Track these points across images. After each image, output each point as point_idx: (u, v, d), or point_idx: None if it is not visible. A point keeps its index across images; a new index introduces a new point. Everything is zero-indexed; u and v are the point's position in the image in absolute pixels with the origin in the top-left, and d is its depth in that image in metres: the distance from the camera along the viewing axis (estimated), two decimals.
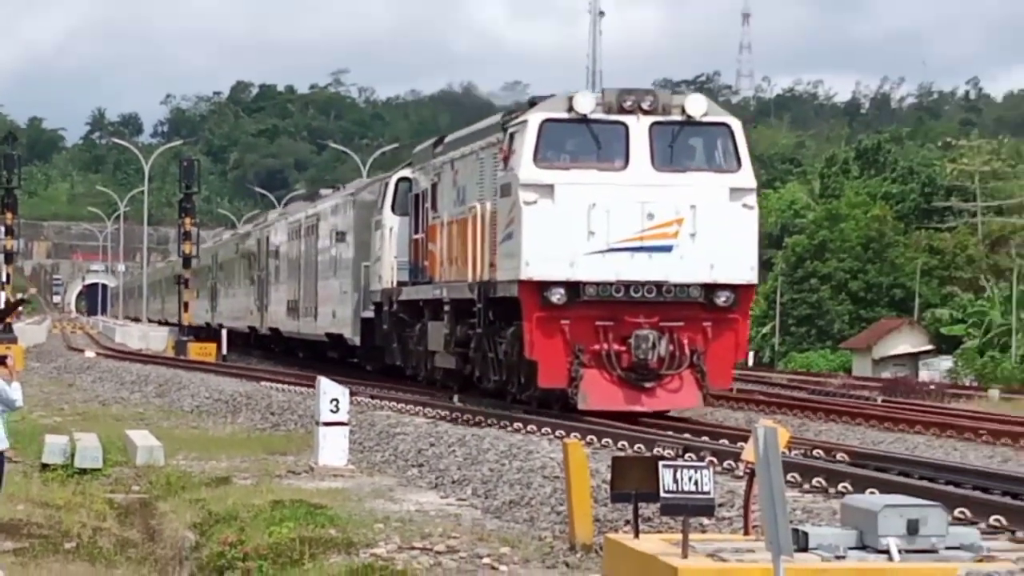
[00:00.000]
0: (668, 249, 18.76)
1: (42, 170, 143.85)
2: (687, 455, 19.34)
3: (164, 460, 26.07)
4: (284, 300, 53.41)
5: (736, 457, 16.87)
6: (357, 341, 38.08)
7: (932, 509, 13.31)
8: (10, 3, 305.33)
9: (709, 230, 19.09)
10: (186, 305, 71.18)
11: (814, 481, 18.20)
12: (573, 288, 18.82)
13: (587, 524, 16.18)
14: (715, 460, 18.46)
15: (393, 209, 33.08)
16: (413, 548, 16.38)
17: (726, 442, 21.04)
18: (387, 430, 28.23)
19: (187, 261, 71.08)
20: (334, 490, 21.73)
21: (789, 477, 15.11)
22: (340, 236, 41.44)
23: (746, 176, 20.12)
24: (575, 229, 18.93)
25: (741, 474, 14.95)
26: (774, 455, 10.96)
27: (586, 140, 19.88)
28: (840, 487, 17.47)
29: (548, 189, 18.87)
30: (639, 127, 19.41)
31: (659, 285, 18.77)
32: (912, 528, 12.89)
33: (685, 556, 12.38)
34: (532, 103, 21.56)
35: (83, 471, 25.61)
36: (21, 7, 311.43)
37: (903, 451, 23.30)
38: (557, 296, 18.91)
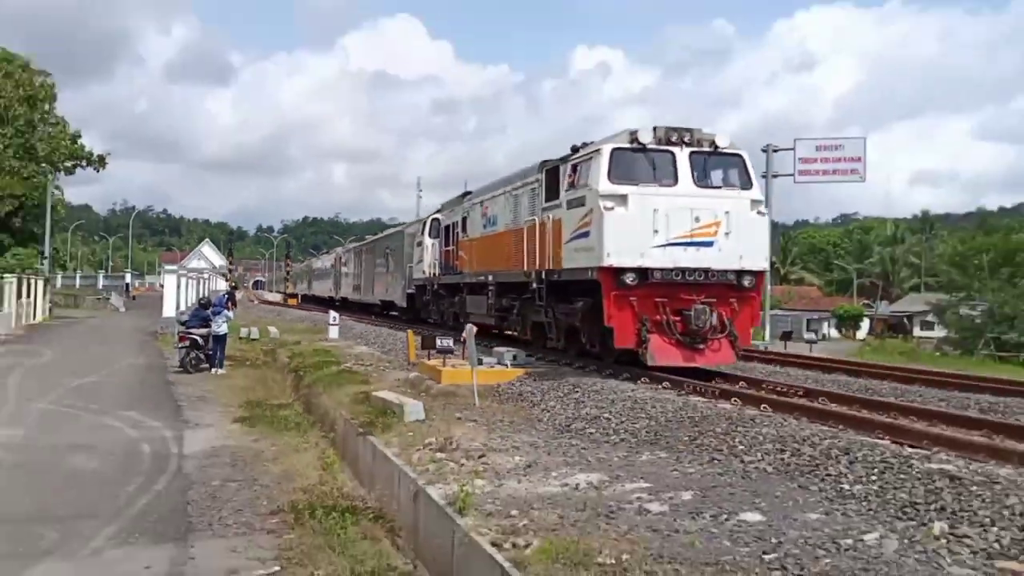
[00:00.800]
0: (710, 244, 13.11)
1: (241, 245, 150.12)
2: (441, 333, 17.76)
3: (280, 335, 25.72)
4: (351, 284, 43.93)
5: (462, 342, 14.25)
6: (404, 305, 29.34)
7: (520, 350, 14.49)
8: (216, 191, 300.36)
9: (738, 230, 13.18)
10: (287, 286, 75.55)
11: (484, 344, 15.82)
12: (642, 273, 12.86)
13: (413, 355, 15.81)
14: (455, 337, 15.48)
15: (429, 235, 24.71)
16: (358, 364, 16.15)
17: (456, 332, 17.54)
18: (351, 327, 27.48)
19: (288, 273, 78.15)
20: (333, 346, 20.46)
21: (477, 343, 12.48)
22: (392, 251, 32.46)
23: (758, 192, 13.98)
24: (643, 228, 12.94)
25: (463, 339, 13.13)
26: (471, 335, 11.91)
27: (645, 164, 13.51)
28: (492, 347, 15.81)
29: (622, 198, 12.97)
30: (682, 155, 13.57)
31: (706, 271, 12.99)
32: (513, 357, 13.90)
33: (443, 365, 13.36)
34: (575, 149, 15.07)
35: (252, 339, 26.14)
36: (226, 191, 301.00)
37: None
38: (631, 279, 12.80)
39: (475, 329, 12.17)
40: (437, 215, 24.93)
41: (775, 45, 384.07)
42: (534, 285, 15.50)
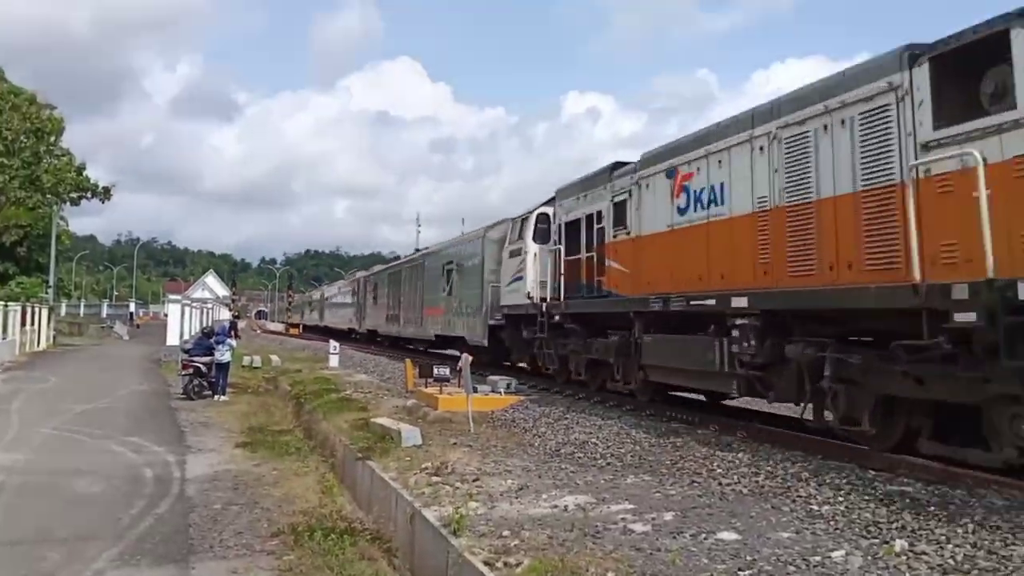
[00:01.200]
0: None
1: (245, 276, 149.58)
2: (438, 362, 16.95)
3: (282, 364, 25.53)
4: (383, 314, 34.08)
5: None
6: (485, 343, 19.63)
7: (513, 378, 14.69)
8: (220, 223, 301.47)
9: None
10: (289, 317, 76.37)
11: (479, 373, 15.04)
12: None
13: (411, 383, 15.90)
14: (451, 366, 15.05)
15: (535, 239, 16.17)
16: (358, 392, 16.01)
17: (452, 361, 16.89)
18: (351, 356, 27.42)
19: (290, 304, 79.59)
20: (333, 374, 20.31)
21: (473, 372, 12.33)
22: (461, 266, 22.83)
23: None
24: None
25: (460, 368, 12.24)
26: (467, 364, 11.88)
27: None
28: (486, 375, 15.53)
29: None
30: None
31: None
32: (507, 385, 14.12)
33: (440, 393, 13.53)
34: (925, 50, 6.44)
35: (255, 367, 25.89)
36: (230, 224, 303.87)
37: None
38: None
39: (471, 358, 12.08)
40: (545, 208, 16.47)
41: (753, 94, 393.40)
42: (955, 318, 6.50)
